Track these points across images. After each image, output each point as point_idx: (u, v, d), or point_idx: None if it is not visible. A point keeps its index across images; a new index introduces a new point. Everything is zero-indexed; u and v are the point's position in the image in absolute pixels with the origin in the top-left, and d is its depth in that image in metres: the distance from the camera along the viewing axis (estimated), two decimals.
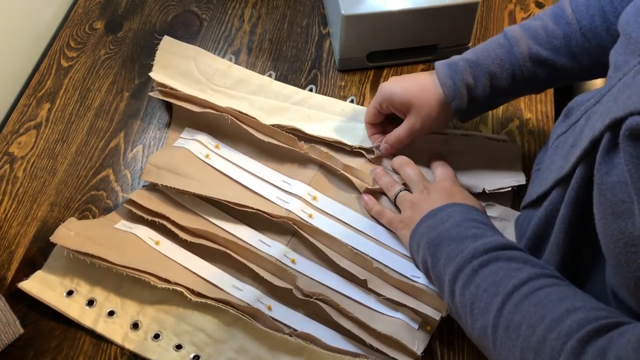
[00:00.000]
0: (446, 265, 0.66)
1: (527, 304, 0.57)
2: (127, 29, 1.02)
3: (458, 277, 0.64)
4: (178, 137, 0.89)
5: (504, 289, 0.59)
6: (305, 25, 1.04)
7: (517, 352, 0.55)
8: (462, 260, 0.64)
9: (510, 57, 0.77)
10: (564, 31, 0.75)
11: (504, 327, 0.57)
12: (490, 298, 0.60)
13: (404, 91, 0.80)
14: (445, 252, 0.67)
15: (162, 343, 0.73)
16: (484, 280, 0.61)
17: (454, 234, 0.68)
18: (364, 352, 0.73)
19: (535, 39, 0.76)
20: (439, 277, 0.68)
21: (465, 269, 0.63)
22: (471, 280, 0.62)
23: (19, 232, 0.81)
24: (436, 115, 0.80)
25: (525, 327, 0.55)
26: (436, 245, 0.68)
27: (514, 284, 0.59)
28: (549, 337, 0.52)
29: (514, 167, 0.86)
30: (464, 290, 0.63)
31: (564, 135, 0.68)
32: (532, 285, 0.58)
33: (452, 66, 0.78)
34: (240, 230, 0.81)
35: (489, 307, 0.59)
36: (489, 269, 0.62)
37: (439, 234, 0.69)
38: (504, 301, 0.58)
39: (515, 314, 0.57)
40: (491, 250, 0.64)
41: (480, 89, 0.78)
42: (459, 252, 0.65)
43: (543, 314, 0.55)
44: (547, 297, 0.57)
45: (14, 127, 0.90)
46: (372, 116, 0.86)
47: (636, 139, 0.48)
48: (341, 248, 0.79)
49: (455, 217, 0.70)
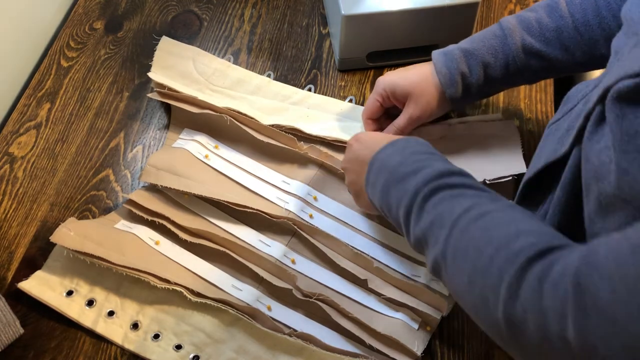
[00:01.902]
0: (398, 209, 0.65)
1: (473, 228, 0.55)
2: (127, 29, 1.02)
3: (410, 218, 0.63)
4: (177, 137, 0.89)
5: (449, 218, 0.58)
6: (305, 25, 1.04)
7: (464, 277, 0.54)
8: (408, 200, 0.63)
9: (504, 47, 0.78)
10: (557, 24, 0.76)
11: (452, 255, 0.56)
12: (438, 229, 0.58)
13: (405, 81, 0.81)
14: (394, 197, 0.65)
15: (161, 343, 0.73)
16: (430, 213, 0.60)
17: (398, 175, 0.66)
18: (364, 352, 0.73)
19: (528, 30, 0.77)
20: (396, 222, 0.66)
21: (413, 208, 0.62)
22: (420, 216, 0.61)
23: (19, 232, 0.81)
24: (435, 104, 0.81)
25: (472, 251, 0.54)
26: (386, 192, 0.67)
27: (458, 212, 0.57)
28: (497, 258, 0.51)
29: (514, 148, 0.87)
30: (415, 229, 0.62)
31: (557, 123, 0.69)
32: (478, 210, 0.57)
33: (447, 55, 0.80)
34: (240, 231, 0.81)
35: (438, 237, 0.58)
36: (433, 201, 0.60)
37: (386, 179, 0.67)
38: (450, 229, 0.57)
39: (461, 240, 0.56)
40: (432, 180, 0.62)
41: (475, 77, 0.79)
42: (404, 192, 0.63)
43: (490, 236, 0.53)
44: (494, 220, 0.55)
45: (14, 127, 0.90)
46: (372, 110, 0.86)
47: (621, 100, 0.49)
48: (341, 248, 0.79)
49: (396, 156, 0.68)
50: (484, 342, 0.75)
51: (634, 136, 0.47)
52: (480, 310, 0.53)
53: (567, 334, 0.43)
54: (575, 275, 0.44)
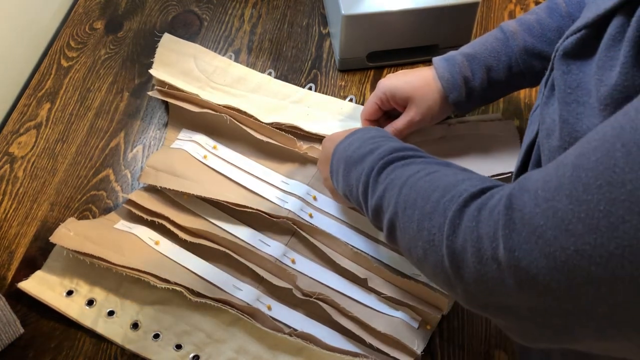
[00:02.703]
0: (357, 188, 0.67)
1: (421, 183, 0.58)
2: (127, 29, 1.02)
3: (367, 193, 0.65)
4: (175, 138, 0.89)
5: (399, 181, 0.60)
6: (305, 25, 1.04)
7: (414, 225, 0.56)
8: (365, 177, 0.65)
9: (507, 49, 0.78)
10: (558, 24, 0.76)
11: (402, 208, 0.58)
12: (389, 193, 0.61)
13: (406, 85, 0.81)
14: (354, 178, 0.68)
15: (161, 343, 0.73)
16: (382, 183, 0.62)
17: (356, 157, 0.68)
18: (364, 351, 0.73)
19: (530, 32, 0.78)
20: (358, 202, 0.68)
21: (370, 183, 0.64)
22: (375, 188, 0.63)
23: (19, 232, 0.81)
24: (437, 108, 0.81)
25: (420, 200, 0.56)
26: (347, 174, 0.69)
27: (408, 174, 0.60)
28: (442, 200, 0.54)
29: (513, 148, 0.87)
30: (371, 201, 0.64)
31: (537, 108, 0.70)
32: (427, 170, 0.59)
33: (449, 60, 0.80)
34: (240, 230, 0.81)
35: (390, 201, 0.60)
36: (386, 172, 0.63)
37: (346, 163, 0.69)
38: (400, 189, 0.59)
39: (410, 194, 0.58)
40: (385, 155, 0.64)
41: (478, 81, 0.79)
42: (362, 171, 0.66)
43: (437, 185, 0.56)
44: (442, 174, 0.58)
45: (14, 127, 0.90)
46: (370, 112, 0.86)
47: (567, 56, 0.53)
48: (341, 247, 0.79)
49: (355, 142, 0.70)
50: (484, 342, 0.75)
51: (576, 89, 0.51)
52: (428, 253, 0.54)
53: (499, 254, 0.45)
54: (508, 198, 0.46)
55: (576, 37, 0.52)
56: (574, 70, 0.52)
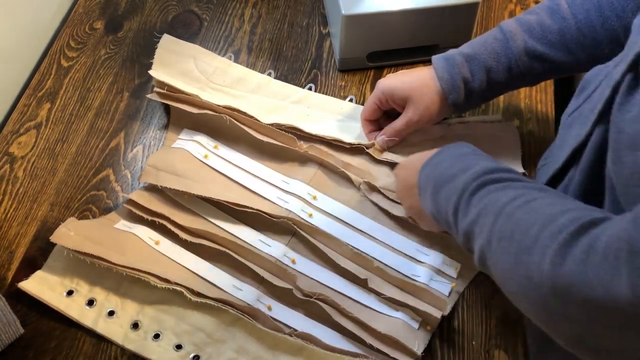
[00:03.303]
0: (447, 207, 0.64)
1: (519, 213, 0.55)
2: (127, 29, 1.02)
3: (457, 214, 0.62)
4: (176, 138, 0.89)
5: (495, 207, 0.57)
6: (305, 25, 1.04)
7: (511, 258, 0.53)
8: (456, 197, 0.62)
9: (507, 51, 0.77)
10: (559, 26, 0.75)
11: (497, 239, 0.56)
12: (483, 219, 0.58)
13: (405, 85, 0.81)
14: (443, 196, 0.65)
15: (162, 343, 0.73)
16: (476, 206, 0.60)
17: (447, 175, 0.66)
18: (364, 352, 0.73)
19: (530, 33, 0.77)
20: (446, 223, 0.66)
21: (461, 204, 0.62)
22: (466, 211, 0.61)
23: (19, 232, 0.81)
24: (436, 108, 0.81)
25: (518, 233, 0.53)
26: (437, 193, 0.66)
27: (504, 201, 0.57)
28: (541, 235, 0.51)
29: (513, 150, 0.87)
30: (462, 223, 0.61)
31: (577, 111, 0.68)
32: (524, 198, 0.56)
33: (449, 60, 0.79)
34: (240, 230, 0.81)
35: (483, 227, 0.58)
36: (480, 194, 0.60)
37: (435, 182, 0.67)
38: (496, 217, 0.57)
39: (507, 224, 0.55)
40: (480, 176, 0.62)
41: (477, 82, 0.79)
42: (453, 191, 0.63)
43: (535, 217, 0.53)
44: (539, 204, 0.55)
45: (14, 127, 0.90)
46: (370, 112, 0.86)
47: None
48: (341, 248, 0.79)
49: (446, 160, 0.68)
50: (484, 342, 0.75)
51: None
52: (527, 289, 0.51)
53: (619, 300, 0.43)
54: (627, 241, 0.44)
55: None
56: None
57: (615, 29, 0.73)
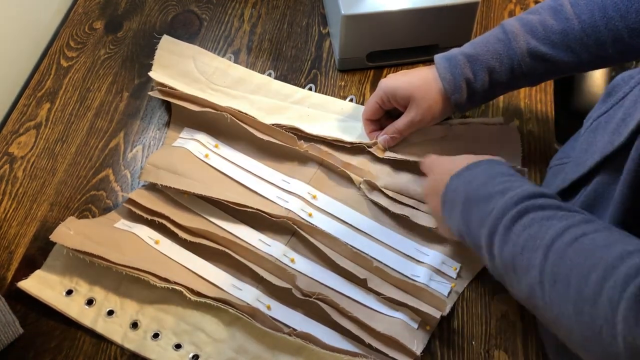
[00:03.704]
0: (480, 227, 0.61)
1: (571, 252, 0.52)
2: (127, 29, 1.02)
3: (494, 239, 0.59)
4: (177, 136, 0.89)
5: (542, 241, 0.54)
6: (305, 25, 1.04)
7: (569, 306, 0.50)
8: (494, 220, 0.59)
9: (509, 52, 0.77)
10: (563, 26, 0.75)
11: (551, 281, 0.52)
12: (530, 253, 0.55)
13: (407, 84, 0.81)
14: (476, 215, 0.62)
15: (161, 342, 0.73)
16: (519, 235, 0.57)
17: (482, 194, 0.63)
18: (363, 351, 0.73)
19: (533, 34, 0.76)
20: (475, 242, 0.63)
21: (499, 228, 0.59)
22: (507, 238, 0.58)
23: (19, 232, 0.81)
24: (438, 108, 0.81)
25: (575, 278, 0.50)
26: (467, 209, 0.64)
27: (552, 235, 0.54)
28: (605, 285, 0.48)
29: (514, 153, 0.87)
30: (501, 251, 0.58)
31: (605, 115, 0.67)
32: (573, 232, 0.53)
33: (451, 60, 0.79)
34: (239, 230, 0.81)
35: (531, 262, 0.54)
36: (522, 222, 0.57)
37: (466, 198, 0.65)
38: (545, 254, 0.53)
39: (560, 265, 0.52)
40: (520, 201, 0.58)
41: (480, 83, 0.78)
42: (489, 212, 0.60)
43: (593, 262, 0.50)
44: (593, 243, 0.52)
45: (14, 127, 0.90)
46: (371, 112, 0.86)
47: None
48: (341, 247, 0.79)
49: (481, 176, 0.66)
50: (484, 342, 0.75)
51: None
52: (593, 341, 0.49)
53: None
54: None
55: None
56: None
57: (619, 29, 0.72)
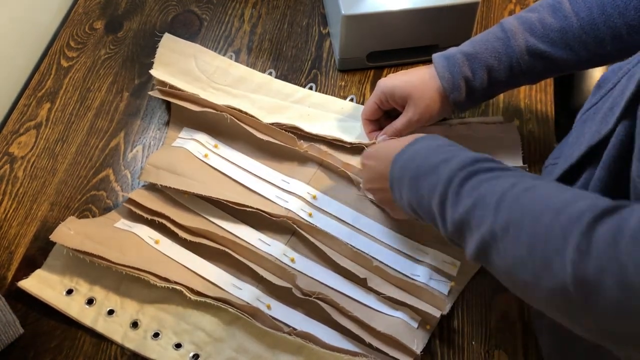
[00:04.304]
0: (430, 199, 0.62)
1: (523, 200, 0.53)
2: (127, 29, 1.02)
3: (445, 205, 0.60)
4: (177, 136, 0.89)
5: (493, 196, 0.55)
6: (305, 25, 1.04)
7: (523, 248, 0.51)
8: (442, 188, 0.60)
9: (508, 50, 0.77)
10: (561, 24, 0.75)
11: (504, 229, 0.53)
12: (481, 210, 0.55)
13: (405, 84, 0.81)
14: (425, 188, 0.63)
15: (161, 342, 0.73)
16: (469, 196, 0.57)
17: (427, 166, 0.64)
18: (364, 351, 0.73)
19: (531, 31, 0.76)
20: (428, 214, 0.63)
21: (449, 194, 0.59)
22: (457, 201, 0.58)
23: (19, 232, 0.81)
24: (436, 107, 0.81)
25: (528, 221, 0.51)
26: (415, 185, 0.64)
27: (501, 189, 0.55)
28: (559, 220, 0.49)
29: (514, 151, 0.87)
30: (453, 215, 0.59)
31: (595, 107, 0.67)
32: (523, 185, 0.54)
33: (449, 59, 0.79)
34: (239, 230, 0.81)
35: (483, 218, 0.55)
36: (471, 184, 0.58)
37: (414, 173, 0.65)
38: (496, 207, 0.54)
39: (512, 214, 0.53)
40: (466, 166, 0.60)
41: (478, 81, 0.78)
42: (436, 181, 0.61)
43: (546, 205, 0.51)
44: (545, 191, 0.53)
45: (14, 127, 0.90)
46: (370, 112, 0.86)
47: None
48: (341, 247, 0.79)
49: (422, 152, 0.66)
50: (484, 342, 0.75)
51: None
52: (543, 279, 0.49)
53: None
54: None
55: None
56: None
57: (617, 26, 0.73)
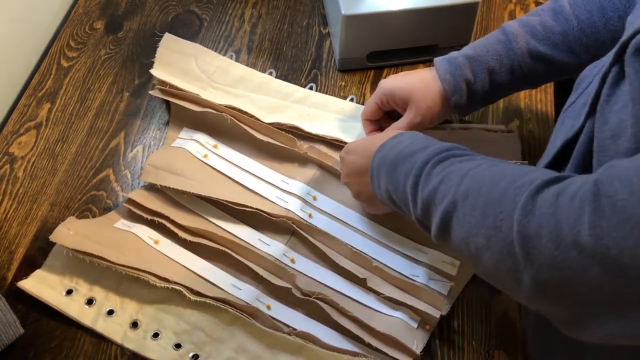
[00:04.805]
0: (405, 181, 0.64)
1: (486, 172, 0.56)
2: (127, 29, 1.02)
3: (417, 186, 0.63)
4: (176, 137, 0.89)
5: (459, 172, 0.58)
6: (305, 25, 1.04)
7: (477, 213, 0.54)
8: (417, 170, 0.63)
9: (509, 52, 0.77)
10: (562, 27, 0.75)
11: (463, 198, 0.56)
12: (446, 185, 0.59)
13: (406, 85, 0.80)
14: (401, 172, 0.65)
15: (161, 342, 0.73)
16: (438, 175, 0.60)
17: (406, 153, 0.66)
18: (363, 351, 0.73)
19: (533, 34, 0.76)
20: (402, 198, 0.66)
21: (422, 175, 0.62)
22: (427, 181, 0.61)
23: (19, 232, 0.81)
24: (438, 110, 0.80)
25: (485, 189, 0.55)
26: (393, 170, 0.67)
27: (467, 168, 0.58)
28: (511, 187, 0.52)
29: (514, 156, 0.87)
30: (422, 193, 0.62)
31: (573, 105, 0.68)
32: (489, 164, 0.58)
33: (451, 62, 0.79)
34: (239, 230, 0.81)
35: (447, 191, 0.58)
36: (442, 165, 0.61)
37: (393, 159, 0.67)
38: (460, 181, 0.57)
39: (473, 184, 0.56)
40: (441, 152, 0.63)
41: (480, 84, 0.78)
42: (412, 165, 0.64)
43: (504, 174, 0.55)
44: (504, 167, 0.57)
45: (14, 127, 0.90)
46: (371, 112, 0.86)
47: None
48: (340, 247, 0.79)
49: (405, 141, 0.69)
50: (483, 342, 0.75)
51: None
52: (493, 240, 0.52)
53: (581, 240, 0.45)
54: (595, 184, 0.45)
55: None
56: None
57: (617, 29, 0.73)
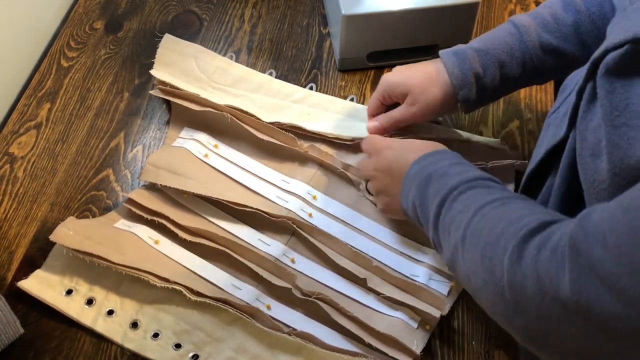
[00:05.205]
0: (433, 199, 0.65)
1: (493, 212, 0.58)
2: (127, 29, 1.02)
3: (442, 208, 0.64)
4: (177, 136, 0.89)
5: (474, 206, 0.59)
6: (305, 25, 1.04)
7: (477, 253, 0.56)
8: (446, 192, 0.64)
9: (521, 45, 0.75)
10: (574, 19, 0.74)
11: (470, 233, 0.58)
12: (462, 215, 0.60)
13: (407, 79, 0.80)
14: (432, 189, 0.66)
15: (161, 342, 0.73)
16: (461, 202, 0.62)
17: (442, 172, 0.67)
18: (363, 351, 0.73)
19: (544, 27, 0.75)
20: (425, 214, 0.66)
21: (448, 199, 0.63)
22: (451, 206, 0.62)
23: (19, 232, 0.81)
24: (438, 104, 0.79)
25: (487, 230, 0.56)
26: (425, 184, 0.67)
27: (485, 201, 0.59)
28: (506, 232, 0.53)
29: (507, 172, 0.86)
30: (444, 218, 0.63)
31: (557, 111, 0.68)
32: (503, 201, 0.59)
33: (459, 55, 0.77)
34: (239, 230, 0.81)
35: (461, 222, 0.59)
36: (467, 194, 0.62)
37: (429, 174, 0.68)
38: (473, 215, 0.59)
39: (480, 222, 0.58)
40: (473, 180, 0.63)
41: (490, 78, 0.76)
42: (444, 185, 0.65)
43: (504, 216, 0.56)
44: (512, 206, 0.58)
45: (14, 127, 0.90)
46: (373, 108, 0.85)
47: (610, 74, 0.49)
48: (340, 247, 0.79)
49: (445, 161, 0.69)
50: (484, 342, 0.75)
51: (624, 111, 0.48)
52: (488, 283, 0.54)
53: (561, 295, 0.45)
54: (570, 238, 0.46)
55: (619, 52, 0.48)
56: (619, 89, 0.48)
57: None
